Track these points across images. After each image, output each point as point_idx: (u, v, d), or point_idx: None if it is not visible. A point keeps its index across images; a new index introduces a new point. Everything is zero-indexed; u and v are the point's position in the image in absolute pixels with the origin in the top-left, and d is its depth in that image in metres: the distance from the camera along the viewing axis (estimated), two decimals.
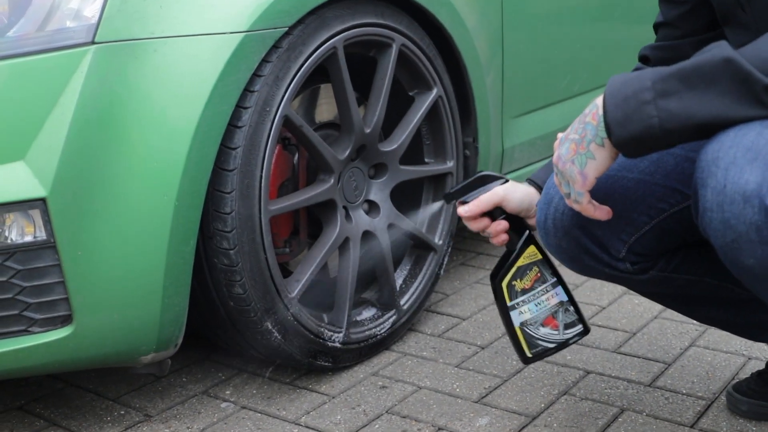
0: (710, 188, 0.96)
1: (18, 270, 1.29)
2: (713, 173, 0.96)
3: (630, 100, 1.01)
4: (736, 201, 0.94)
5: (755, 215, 0.92)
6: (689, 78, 0.98)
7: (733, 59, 0.95)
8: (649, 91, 1.00)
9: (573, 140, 1.10)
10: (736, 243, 0.96)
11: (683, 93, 0.98)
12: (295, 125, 1.55)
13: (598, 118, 1.06)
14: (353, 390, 1.65)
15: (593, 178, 1.09)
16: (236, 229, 1.45)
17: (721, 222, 0.96)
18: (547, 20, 2.21)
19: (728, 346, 1.76)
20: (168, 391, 1.67)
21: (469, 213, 1.36)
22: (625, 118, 1.01)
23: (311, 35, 1.53)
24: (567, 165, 1.10)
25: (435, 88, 1.82)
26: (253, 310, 1.51)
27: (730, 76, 0.96)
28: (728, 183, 0.94)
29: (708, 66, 0.97)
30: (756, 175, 0.92)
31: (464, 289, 2.16)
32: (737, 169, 0.94)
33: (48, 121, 1.25)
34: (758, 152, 0.93)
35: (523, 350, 1.38)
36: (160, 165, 1.34)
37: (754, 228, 0.93)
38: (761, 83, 0.94)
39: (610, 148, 1.06)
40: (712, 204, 0.96)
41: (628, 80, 1.02)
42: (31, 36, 1.26)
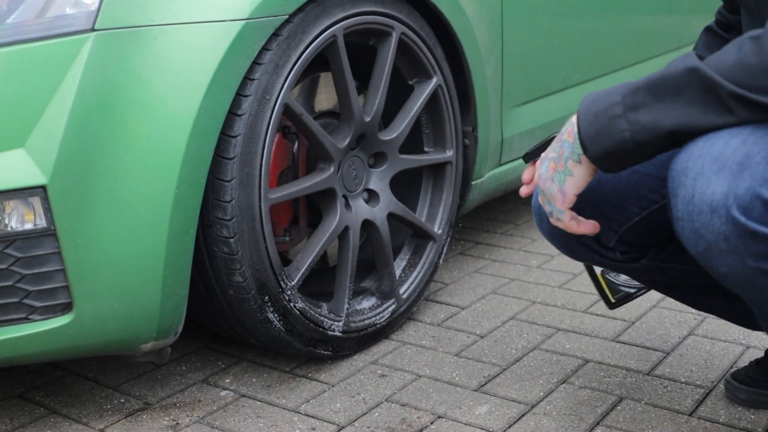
0: (680, 198, 0.98)
1: (18, 258, 1.28)
2: (683, 183, 0.98)
3: (601, 116, 1.03)
4: (704, 211, 0.95)
5: (722, 225, 0.94)
6: (657, 90, 1.00)
7: (697, 68, 0.97)
8: (619, 105, 1.02)
9: (551, 159, 1.12)
10: (707, 252, 0.97)
11: (652, 105, 1.00)
12: (295, 113, 1.54)
13: (573, 135, 1.08)
14: (353, 378, 1.65)
15: (573, 195, 1.11)
16: (236, 218, 1.45)
17: (692, 232, 0.98)
18: (547, 9, 2.21)
19: (726, 335, 1.76)
20: (168, 380, 1.67)
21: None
22: (597, 134, 1.03)
23: (311, 23, 1.52)
24: (547, 183, 1.13)
25: (435, 77, 1.82)
26: (253, 299, 1.51)
27: (696, 86, 0.97)
28: (696, 193, 0.96)
29: (674, 77, 0.99)
30: (722, 186, 0.94)
31: (463, 278, 2.17)
32: (704, 179, 0.95)
33: (48, 109, 1.25)
34: (724, 162, 0.94)
35: (607, 296, 1.45)
36: (160, 153, 1.33)
37: (723, 238, 0.95)
38: (725, 90, 0.95)
39: (587, 164, 1.08)
40: (683, 213, 0.98)
41: (598, 96, 1.05)
42: (31, 23, 1.25)
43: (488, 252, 2.36)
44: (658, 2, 2.81)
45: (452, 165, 1.92)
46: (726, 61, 0.96)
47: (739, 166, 0.93)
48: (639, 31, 2.72)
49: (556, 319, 1.89)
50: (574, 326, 1.85)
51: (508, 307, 1.97)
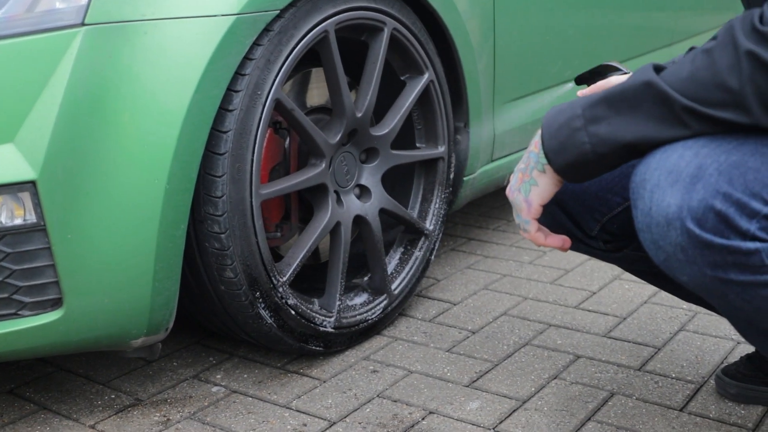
0: (639, 210, 1.00)
1: (7, 253, 1.28)
2: (641, 195, 1.00)
3: (563, 129, 1.06)
4: (661, 224, 0.97)
5: (678, 237, 0.96)
6: (615, 103, 1.02)
7: (653, 82, 0.99)
8: (580, 118, 1.04)
9: (520, 170, 1.15)
10: (668, 262, 1.00)
11: (611, 118, 1.02)
12: (286, 109, 1.54)
13: (539, 146, 1.11)
14: (344, 374, 1.65)
15: (537, 205, 1.13)
16: (227, 213, 1.45)
17: (651, 243, 1.00)
18: (539, 5, 2.21)
19: (717, 330, 1.77)
20: (158, 375, 1.67)
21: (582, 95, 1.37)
22: (560, 146, 1.06)
23: (303, 18, 1.52)
24: (514, 194, 1.15)
25: (426, 73, 1.82)
26: (244, 295, 1.51)
27: (651, 99, 0.99)
28: (653, 206, 0.98)
29: (631, 90, 1.01)
30: (677, 198, 0.95)
31: (455, 274, 2.17)
32: (660, 192, 0.97)
33: (37, 104, 1.24)
34: (679, 174, 0.96)
35: None
36: (151, 148, 1.33)
37: (680, 249, 0.96)
38: (679, 103, 0.97)
39: (551, 174, 1.11)
40: (643, 225, 1.00)
41: (561, 109, 1.07)
42: (20, 17, 1.24)
43: (480, 248, 2.36)
44: None
45: (444, 161, 1.91)
46: (680, 75, 0.98)
47: (693, 179, 0.95)
48: (631, 27, 2.73)
49: (547, 315, 1.89)
50: (566, 322, 1.85)
51: (499, 302, 1.98)
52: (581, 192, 1.28)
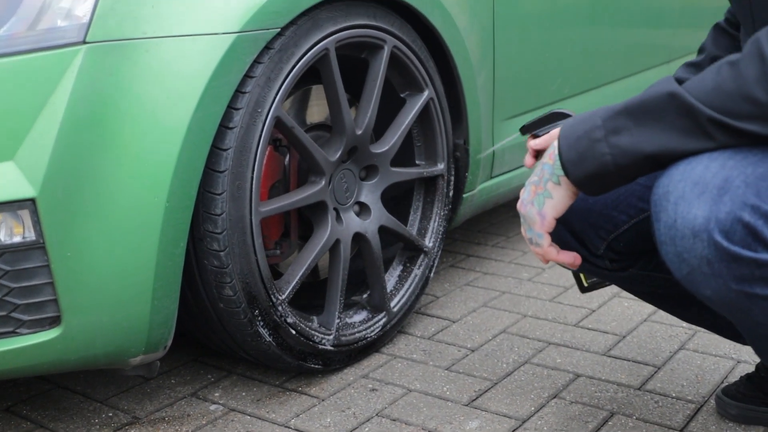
0: (663, 223, 0.98)
1: (6, 271, 1.27)
2: (665, 208, 0.98)
3: (582, 139, 1.04)
4: (686, 236, 0.96)
5: (705, 249, 0.94)
6: (637, 114, 1.01)
7: (676, 93, 0.98)
8: (600, 129, 1.03)
9: (532, 182, 1.13)
10: (691, 275, 0.98)
11: (633, 129, 1.01)
12: (286, 127, 1.54)
13: (554, 157, 1.09)
14: (343, 392, 1.64)
15: (551, 218, 1.11)
16: (227, 231, 1.45)
17: (675, 255, 0.98)
18: (538, 23, 2.22)
19: (717, 349, 1.76)
20: (156, 393, 1.66)
21: (539, 146, 1.35)
22: (579, 157, 1.04)
23: (303, 36, 1.52)
24: (527, 207, 1.13)
25: (426, 90, 1.82)
26: (243, 313, 1.51)
27: (675, 110, 0.98)
28: (678, 218, 0.96)
29: (654, 101, 1.00)
30: (704, 210, 0.94)
31: (454, 291, 2.16)
32: (686, 203, 0.96)
33: (38, 121, 1.24)
34: (705, 186, 0.95)
35: (581, 280, 1.44)
36: (151, 166, 1.33)
37: (706, 262, 0.95)
38: (704, 115, 0.96)
39: (566, 186, 1.09)
40: (666, 238, 0.98)
41: (580, 120, 1.06)
42: (22, 35, 1.24)
43: (479, 264, 2.35)
44: (649, 16, 2.82)
45: (444, 178, 1.91)
46: (705, 86, 0.97)
47: (720, 190, 0.94)
48: (630, 45, 2.74)
49: (547, 333, 1.89)
50: (565, 340, 1.85)
51: (499, 320, 1.97)
52: (586, 210, 1.27)
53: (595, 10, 2.48)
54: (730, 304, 0.98)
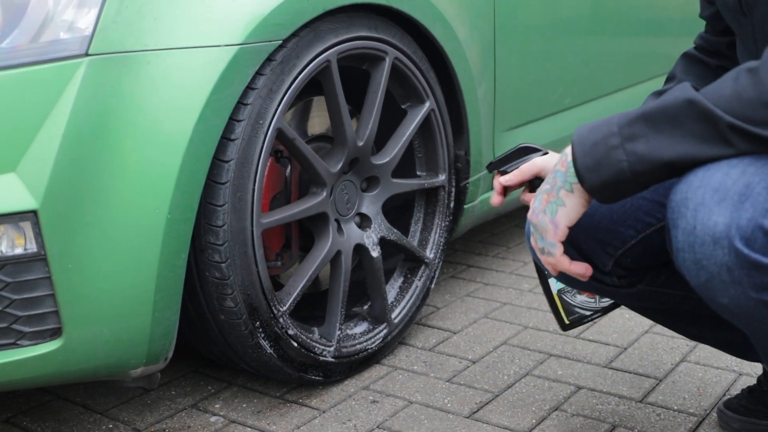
0: (681, 229, 0.97)
1: (8, 283, 1.27)
2: (683, 214, 0.97)
3: (599, 146, 1.02)
4: (706, 242, 0.95)
5: (725, 256, 0.94)
6: (654, 121, 1.00)
7: (695, 100, 0.97)
8: (616, 136, 1.01)
9: (545, 191, 1.11)
10: (709, 283, 0.97)
11: (650, 136, 1.00)
12: (288, 138, 1.54)
13: (567, 164, 1.08)
14: (344, 404, 1.64)
15: (564, 227, 1.09)
16: (228, 243, 1.44)
17: (693, 263, 0.97)
18: (539, 34, 2.22)
19: (719, 361, 1.76)
20: (157, 405, 1.65)
21: (510, 182, 1.35)
22: (595, 164, 1.03)
23: (305, 48, 1.53)
24: (539, 216, 1.11)
25: (427, 101, 1.82)
26: (244, 324, 1.50)
27: (694, 117, 0.97)
28: (698, 224, 0.95)
29: (672, 108, 0.99)
30: (724, 217, 0.93)
31: (455, 302, 2.16)
32: (706, 210, 0.95)
33: (40, 133, 1.24)
34: (726, 193, 0.94)
35: (562, 317, 1.42)
36: (153, 177, 1.33)
37: (725, 269, 0.94)
38: (724, 121, 0.95)
39: (580, 193, 1.07)
40: (684, 245, 0.97)
41: (595, 126, 1.04)
42: (25, 47, 1.24)
43: (480, 275, 2.35)
44: (650, 26, 2.83)
45: (445, 189, 1.91)
46: (723, 93, 0.96)
47: (741, 197, 0.93)
48: (630, 55, 2.74)
49: (548, 345, 1.88)
50: (567, 352, 1.84)
51: (500, 331, 1.97)
52: (593, 227, 1.25)
53: (595, 21, 2.49)
54: (747, 313, 0.97)
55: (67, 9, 1.29)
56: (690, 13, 3.09)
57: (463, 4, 1.90)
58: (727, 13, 1.23)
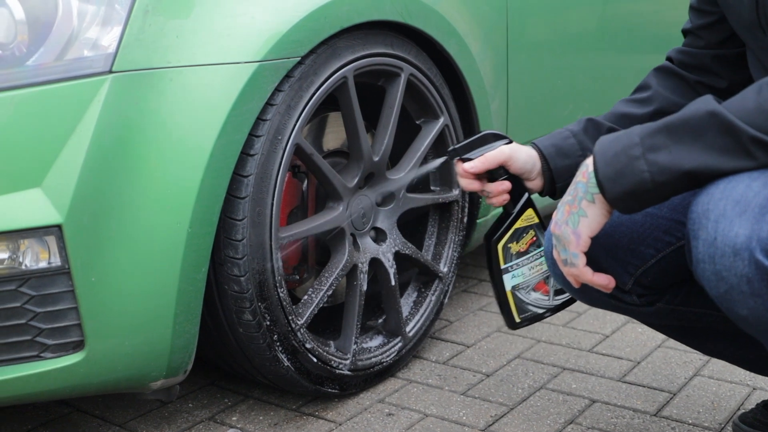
0: (702, 240, 0.98)
1: (32, 296, 1.29)
2: (704, 225, 0.98)
3: (620, 156, 1.04)
4: (726, 254, 0.95)
5: (745, 268, 0.94)
6: (676, 132, 1.01)
7: (718, 112, 0.98)
8: (638, 146, 1.03)
9: (566, 202, 1.12)
10: (729, 294, 0.98)
11: (671, 147, 1.01)
12: (306, 153, 1.56)
13: (588, 175, 1.09)
14: (360, 417, 1.65)
15: (587, 237, 1.10)
16: (247, 256, 1.46)
17: (713, 274, 0.98)
18: (550, 49, 2.24)
19: (733, 376, 1.77)
20: (174, 417, 1.67)
21: (475, 169, 1.32)
22: (616, 174, 1.04)
23: (323, 65, 1.55)
24: (562, 227, 1.12)
25: (442, 117, 1.84)
26: (262, 337, 1.52)
27: (716, 129, 0.98)
28: (719, 236, 0.96)
29: (694, 119, 1.00)
30: (745, 228, 0.94)
31: (468, 316, 2.17)
32: (727, 221, 0.96)
33: (65, 149, 1.26)
34: (747, 205, 0.95)
35: (512, 315, 1.39)
36: (175, 192, 1.35)
37: (745, 280, 0.95)
38: (746, 134, 0.96)
39: (601, 203, 1.08)
40: (704, 256, 0.98)
41: (617, 137, 1.05)
42: (50, 65, 1.27)
43: (492, 290, 2.36)
44: (658, 42, 2.84)
45: (458, 204, 1.93)
46: (746, 106, 0.97)
47: (762, 209, 0.94)
48: (640, 70, 2.75)
49: (561, 359, 1.89)
50: (580, 365, 1.85)
51: (513, 345, 1.98)
52: (613, 246, 1.26)
53: (605, 37, 2.51)
54: (765, 324, 0.98)
55: (92, 27, 1.31)
56: None
57: (477, 21, 1.92)
58: (741, 27, 1.24)
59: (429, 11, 1.74)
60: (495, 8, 1.99)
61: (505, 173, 1.34)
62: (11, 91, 1.25)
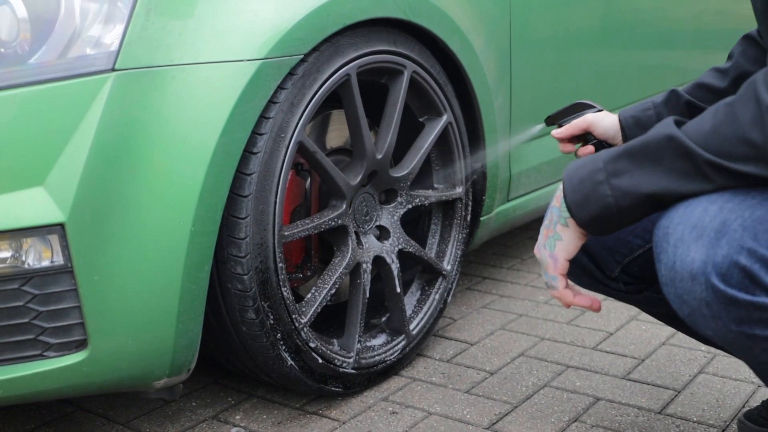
0: (663, 264, 1.00)
1: (35, 295, 1.29)
2: (665, 249, 1.00)
3: (585, 182, 1.07)
4: (685, 278, 0.97)
5: (703, 292, 0.96)
6: (637, 156, 1.03)
7: (674, 136, 1.00)
8: (602, 171, 1.05)
9: (545, 226, 1.15)
10: (692, 316, 0.99)
11: (633, 171, 1.03)
12: (309, 151, 1.56)
13: (560, 200, 1.12)
14: (364, 416, 1.65)
15: (564, 260, 1.13)
16: (250, 255, 1.46)
17: (676, 297, 1.00)
18: (553, 46, 2.24)
19: (737, 373, 1.76)
20: (178, 416, 1.67)
21: (560, 135, 1.49)
22: (583, 199, 1.07)
23: (326, 62, 1.54)
24: (540, 251, 1.15)
25: (445, 115, 1.84)
26: (266, 335, 1.52)
27: (674, 153, 1.00)
28: (677, 260, 0.98)
29: (653, 144, 1.02)
30: (701, 253, 0.96)
31: (471, 313, 2.17)
32: (684, 246, 0.97)
33: (67, 147, 1.26)
34: (703, 229, 0.96)
35: None
36: (178, 190, 1.34)
37: (705, 304, 0.96)
38: (701, 158, 0.98)
39: (574, 227, 1.11)
40: (666, 279, 1.00)
41: (583, 163, 1.08)
42: (53, 63, 1.26)
43: (495, 287, 2.36)
44: (662, 39, 2.84)
45: (462, 201, 1.93)
46: (702, 128, 0.99)
47: (717, 234, 0.95)
48: (643, 67, 2.75)
49: (565, 356, 1.89)
50: (584, 363, 1.85)
51: (516, 343, 1.97)
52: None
53: (608, 33, 2.50)
54: (732, 343, 1.00)
55: (94, 25, 1.31)
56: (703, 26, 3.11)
57: (480, 18, 1.92)
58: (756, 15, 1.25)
59: (432, 8, 1.74)
60: (498, 5, 1.98)
61: (593, 139, 1.48)
62: (14, 89, 1.24)
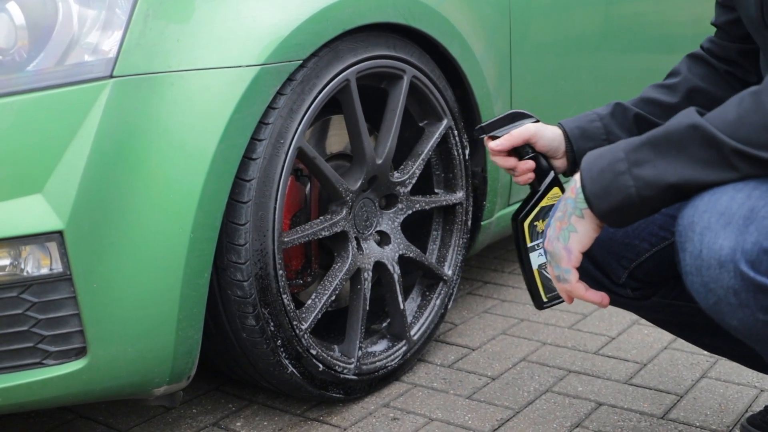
0: (688, 253, 0.99)
1: (33, 302, 1.28)
2: (690, 238, 0.99)
3: (606, 172, 1.05)
4: (712, 266, 0.96)
5: (731, 280, 0.95)
6: (660, 146, 1.02)
7: (699, 125, 0.99)
8: (623, 161, 1.03)
9: (557, 218, 1.13)
10: (718, 306, 0.98)
11: (656, 161, 1.02)
12: (308, 157, 1.55)
13: (576, 191, 1.10)
14: (365, 422, 1.64)
15: (578, 253, 1.11)
16: (250, 261, 1.45)
17: (701, 286, 0.98)
18: (553, 51, 2.23)
19: (740, 377, 1.75)
20: (178, 423, 1.66)
21: (500, 147, 1.36)
22: (603, 191, 1.05)
23: (325, 68, 1.54)
24: (554, 243, 1.13)
25: (445, 119, 1.83)
26: (266, 342, 1.51)
27: (698, 142, 0.99)
28: (704, 248, 0.97)
29: (676, 133, 1.00)
30: (729, 240, 0.94)
31: (473, 318, 2.16)
32: (712, 234, 0.96)
33: (66, 155, 1.26)
34: (731, 217, 0.95)
35: (540, 294, 1.38)
36: (177, 197, 1.34)
37: (732, 292, 0.95)
38: (728, 146, 0.97)
39: (590, 219, 1.09)
40: (692, 268, 0.99)
41: (602, 153, 1.06)
42: (51, 70, 1.26)
43: (497, 291, 2.35)
44: (662, 43, 2.84)
45: (462, 206, 1.92)
46: (727, 117, 0.98)
47: (745, 221, 0.94)
48: (643, 71, 2.74)
49: (567, 361, 1.88)
50: (586, 368, 1.84)
51: (518, 348, 1.97)
52: (608, 239, 1.27)
53: (608, 38, 2.49)
54: (757, 334, 0.98)
55: (92, 32, 1.30)
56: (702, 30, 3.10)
57: (480, 22, 1.91)
58: (750, 24, 1.24)
59: (432, 13, 1.74)
60: (498, 10, 1.98)
61: (532, 152, 1.37)
62: (12, 96, 1.24)
